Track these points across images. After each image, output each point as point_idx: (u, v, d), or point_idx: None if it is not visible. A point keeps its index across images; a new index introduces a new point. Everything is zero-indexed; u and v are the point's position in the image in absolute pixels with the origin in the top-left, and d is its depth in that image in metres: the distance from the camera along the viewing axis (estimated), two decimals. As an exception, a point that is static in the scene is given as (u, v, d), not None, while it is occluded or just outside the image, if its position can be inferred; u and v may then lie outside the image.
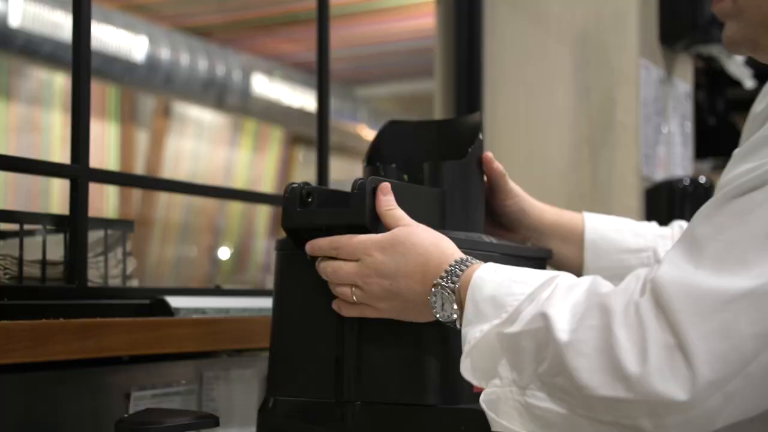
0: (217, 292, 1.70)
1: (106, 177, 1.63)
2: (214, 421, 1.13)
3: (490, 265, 0.97)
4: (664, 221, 2.39)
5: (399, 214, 1.03)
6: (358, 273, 1.01)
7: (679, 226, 1.31)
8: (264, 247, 5.56)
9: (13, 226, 1.32)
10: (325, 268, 1.04)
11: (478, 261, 0.99)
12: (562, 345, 0.84)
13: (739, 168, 0.83)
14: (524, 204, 1.30)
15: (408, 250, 0.99)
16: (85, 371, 1.30)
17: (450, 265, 0.98)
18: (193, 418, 1.15)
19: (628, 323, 0.82)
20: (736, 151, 0.88)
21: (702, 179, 2.39)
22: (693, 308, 0.79)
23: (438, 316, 0.98)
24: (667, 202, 2.35)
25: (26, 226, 1.31)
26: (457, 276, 0.96)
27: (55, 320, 1.21)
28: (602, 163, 2.36)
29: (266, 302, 1.54)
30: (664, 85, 2.47)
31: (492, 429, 0.93)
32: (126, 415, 1.08)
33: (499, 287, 0.92)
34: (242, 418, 1.54)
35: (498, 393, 0.91)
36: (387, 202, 1.03)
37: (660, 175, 2.43)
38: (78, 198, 1.34)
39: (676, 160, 2.57)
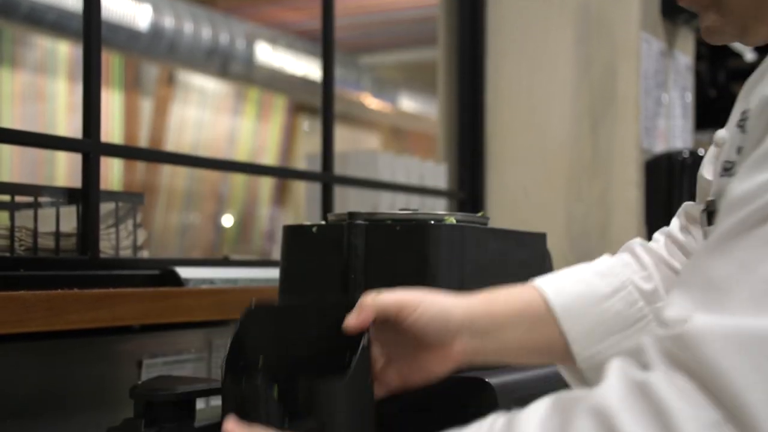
0: (225, 262, 1.74)
1: (117, 151, 1.66)
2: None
3: None
4: (663, 193, 2.43)
5: None
6: None
7: (639, 244, 1.07)
8: (267, 215, 5.59)
9: (24, 199, 1.36)
10: None
11: None
12: None
13: (751, 181, 0.67)
14: (442, 306, 0.94)
15: None
16: (98, 340, 1.34)
17: None
18: (204, 385, 1.18)
19: (638, 412, 0.62)
20: (746, 162, 0.70)
21: (701, 152, 2.42)
22: (745, 362, 0.60)
23: None
24: (666, 174, 2.38)
25: (22, 199, 1.34)
26: None
27: (70, 291, 1.25)
28: (603, 136, 2.39)
29: (273, 272, 1.58)
30: (664, 57, 2.49)
31: None
32: (140, 382, 1.12)
33: None
34: (249, 384, 1.58)
35: None
36: None
37: (660, 147, 2.46)
38: (90, 172, 1.38)
39: (676, 132, 2.59)
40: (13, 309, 1.14)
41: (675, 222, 1.09)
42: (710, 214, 0.87)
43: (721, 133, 0.90)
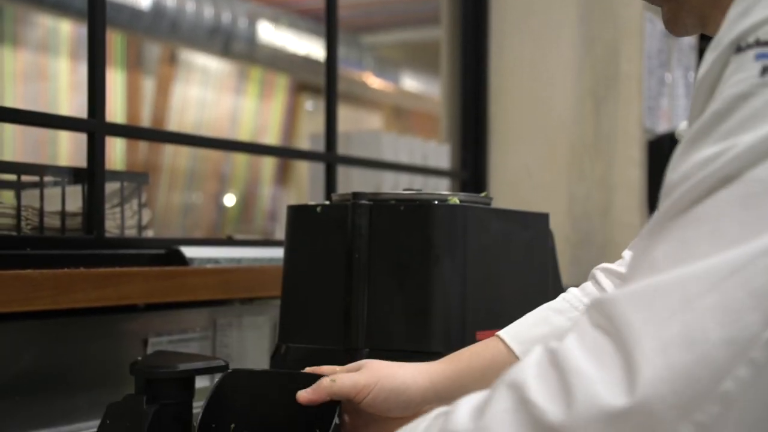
0: (230, 242, 1.75)
1: (122, 131, 1.67)
2: (224, 366, 1.14)
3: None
4: (665, 173, 2.43)
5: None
6: None
7: (601, 270, 1.07)
8: (269, 194, 5.60)
9: (29, 178, 1.37)
10: None
11: None
12: None
13: (687, 161, 0.66)
14: (400, 382, 0.97)
15: None
16: (104, 318, 1.35)
17: None
18: (204, 362, 1.19)
19: (546, 381, 0.62)
20: (685, 137, 0.69)
21: (704, 131, 2.42)
22: (644, 315, 0.59)
23: None
24: (668, 154, 2.38)
25: (27, 178, 1.35)
26: None
27: (76, 270, 1.26)
28: (606, 115, 2.39)
29: (276, 252, 1.60)
30: (668, 37, 2.49)
31: None
32: (139, 358, 1.13)
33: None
34: (254, 361, 1.60)
35: None
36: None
37: (662, 127, 2.46)
38: (95, 151, 1.38)
39: (679, 111, 2.60)
40: (20, 287, 1.15)
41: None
42: None
43: (683, 125, 0.90)
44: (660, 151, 2.39)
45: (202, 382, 1.15)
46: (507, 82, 2.46)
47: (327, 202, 1.21)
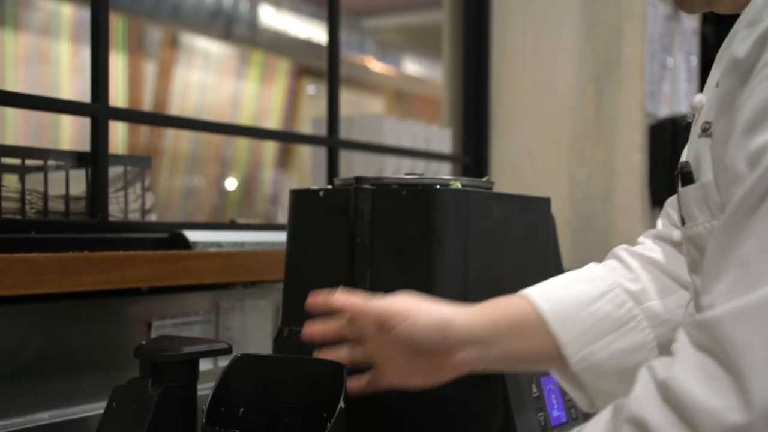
0: (232, 226, 1.76)
1: (125, 115, 1.67)
2: (227, 349, 1.17)
3: None
4: (667, 157, 2.43)
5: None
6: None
7: (623, 249, 1.08)
8: (271, 178, 5.60)
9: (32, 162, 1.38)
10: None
11: None
12: None
13: (753, 144, 0.68)
14: (439, 317, 0.96)
15: None
16: (108, 301, 1.37)
17: None
18: (208, 345, 1.20)
19: (665, 414, 0.65)
20: (740, 125, 0.71)
21: (705, 116, 2.42)
22: (750, 337, 0.63)
23: None
24: (670, 139, 2.39)
25: (31, 162, 1.36)
26: None
27: (81, 253, 1.27)
28: (607, 100, 2.39)
29: (279, 236, 1.60)
30: (670, 21, 2.49)
31: None
32: (143, 342, 1.14)
33: None
34: (257, 345, 1.61)
35: None
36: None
37: (664, 111, 2.47)
38: (98, 136, 1.39)
39: (681, 96, 2.60)
40: (25, 271, 1.16)
41: (660, 222, 1.11)
42: (684, 176, 0.89)
43: (698, 98, 0.91)
44: (661, 135, 2.39)
45: (205, 365, 1.16)
46: (509, 67, 2.46)
47: (329, 187, 1.21)
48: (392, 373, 1.00)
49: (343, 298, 1.00)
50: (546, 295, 0.99)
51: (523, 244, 1.24)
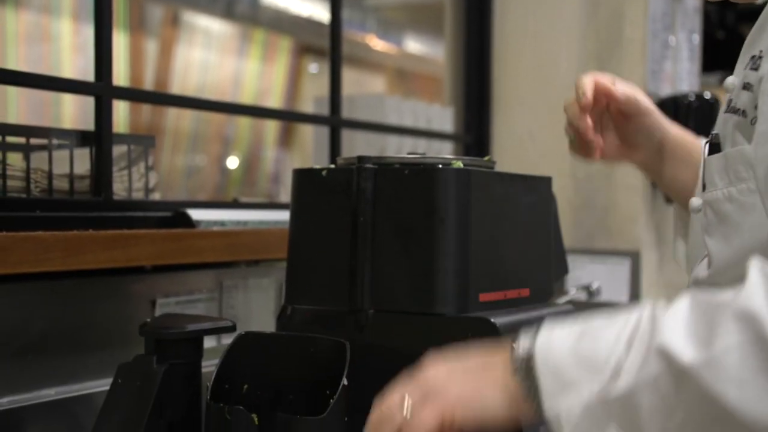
0: (235, 205, 1.77)
1: (129, 95, 1.68)
2: (231, 327, 1.18)
3: (544, 329, 0.78)
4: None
5: None
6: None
7: None
8: (273, 157, 5.60)
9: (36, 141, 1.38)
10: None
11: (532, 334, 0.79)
12: (703, 381, 0.65)
13: None
14: (654, 121, 1.25)
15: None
16: (113, 279, 1.38)
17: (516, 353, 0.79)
18: (212, 323, 1.21)
19: None
20: None
21: (707, 95, 2.42)
22: None
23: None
24: (672, 118, 2.38)
25: (36, 140, 1.37)
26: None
27: (86, 232, 1.28)
28: (609, 79, 2.39)
29: (281, 215, 1.62)
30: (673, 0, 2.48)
31: None
32: (148, 320, 1.15)
33: (579, 342, 0.74)
34: (259, 323, 1.62)
35: None
36: None
37: (666, 91, 2.46)
38: (102, 115, 1.40)
39: (683, 74, 2.59)
40: (31, 249, 1.18)
41: None
42: (712, 146, 0.95)
43: (730, 80, 0.96)
44: (663, 114, 2.39)
45: (209, 343, 1.18)
46: (511, 46, 2.46)
47: (332, 166, 1.22)
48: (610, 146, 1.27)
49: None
50: None
51: (525, 222, 1.24)
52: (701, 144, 1.09)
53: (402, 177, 1.14)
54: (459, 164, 1.16)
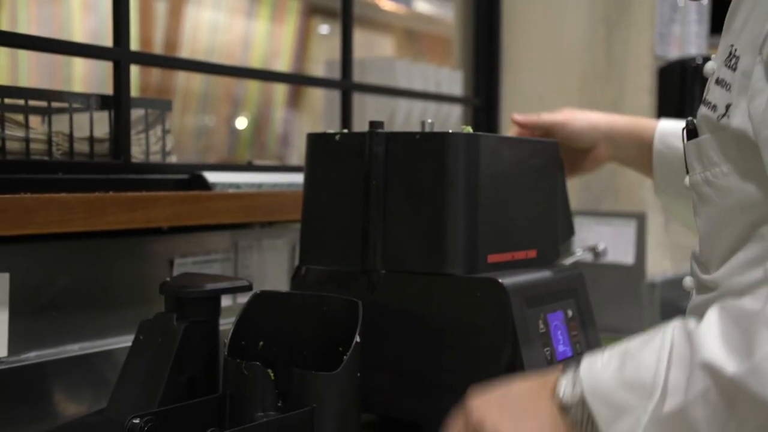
0: (250, 167, 1.80)
1: (146, 59, 1.71)
2: (248, 286, 1.21)
3: (585, 361, 0.81)
4: (675, 100, 2.45)
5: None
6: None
7: None
8: (282, 118, 5.62)
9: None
10: None
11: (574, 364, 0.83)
12: (750, 388, 0.68)
13: None
14: (588, 120, 1.43)
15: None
16: (132, 240, 1.42)
17: (559, 379, 0.82)
18: (229, 282, 1.24)
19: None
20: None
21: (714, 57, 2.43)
22: None
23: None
24: (679, 81, 2.40)
25: (55, 104, 1.39)
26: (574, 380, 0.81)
27: (107, 194, 1.31)
28: (618, 42, 2.41)
29: (294, 177, 1.65)
30: (682, -37, 2.48)
31: None
32: (168, 279, 1.19)
33: (623, 368, 0.77)
34: (273, 282, 1.66)
35: None
36: None
37: (674, 54, 2.47)
38: (120, 79, 1.43)
39: (691, 37, 2.60)
40: (56, 210, 1.21)
41: None
42: (689, 132, 0.98)
43: (710, 65, 0.98)
44: (670, 77, 2.41)
45: (225, 302, 1.21)
46: (520, 8, 2.47)
47: (345, 131, 1.25)
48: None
49: (520, 119, 1.44)
50: (665, 141, 1.38)
51: (532, 186, 1.28)
52: (656, 125, 1.37)
53: (413, 142, 1.17)
54: (469, 129, 1.19)
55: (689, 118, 0.99)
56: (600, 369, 0.78)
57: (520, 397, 0.84)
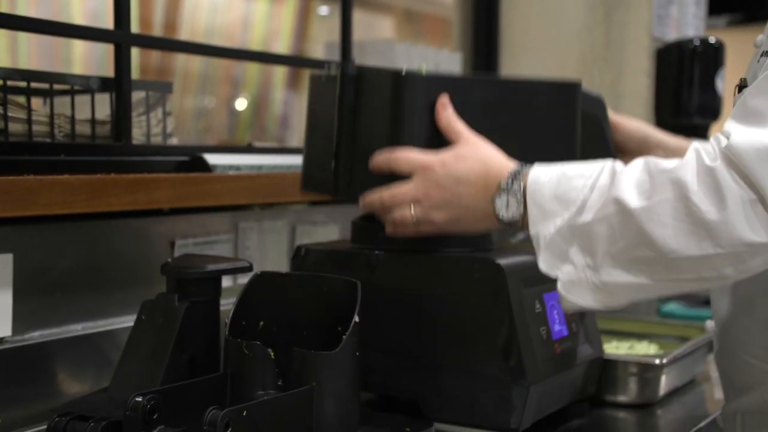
0: (250, 149, 1.82)
1: (148, 42, 1.72)
2: (248, 267, 1.21)
3: (541, 166, 1.02)
4: (672, 81, 2.46)
5: (459, 127, 1.09)
6: (419, 188, 1.07)
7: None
8: (281, 99, 5.61)
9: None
10: (381, 195, 1.10)
11: (529, 165, 1.04)
12: (641, 221, 0.90)
13: None
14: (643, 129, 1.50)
15: (470, 161, 1.06)
16: (134, 221, 1.43)
17: (509, 172, 1.03)
18: (230, 263, 1.24)
19: (705, 189, 0.88)
20: None
21: (712, 39, 2.44)
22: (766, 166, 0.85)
23: (502, 217, 1.03)
24: (676, 63, 2.41)
25: (57, 86, 1.41)
26: (519, 180, 1.02)
27: (109, 175, 1.33)
28: (616, 24, 2.41)
29: (293, 159, 1.66)
30: (680, -55, 2.48)
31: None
32: (169, 260, 1.20)
33: (558, 185, 0.98)
34: (273, 263, 1.68)
35: (572, 277, 0.97)
36: (447, 117, 1.10)
37: (671, 36, 2.48)
38: (121, 62, 1.44)
39: (688, 19, 2.61)
40: (59, 192, 1.23)
41: None
42: (741, 88, 1.05)
43: (760, 38, 1.04)
44: (668, 59, 2.41)
45: (225, 282, 1.22)
46: (519, -9, 2.48)
47: (331, 73, 1.23)
48: None
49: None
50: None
51: (527, 133, 1.23)
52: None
53: (375, 82, 1.16)
54: (423, 69, 1.18)
55: (743, 77, 1.05)
56: (544, 180, 0.99)
57: (463, 195, 1.06)
